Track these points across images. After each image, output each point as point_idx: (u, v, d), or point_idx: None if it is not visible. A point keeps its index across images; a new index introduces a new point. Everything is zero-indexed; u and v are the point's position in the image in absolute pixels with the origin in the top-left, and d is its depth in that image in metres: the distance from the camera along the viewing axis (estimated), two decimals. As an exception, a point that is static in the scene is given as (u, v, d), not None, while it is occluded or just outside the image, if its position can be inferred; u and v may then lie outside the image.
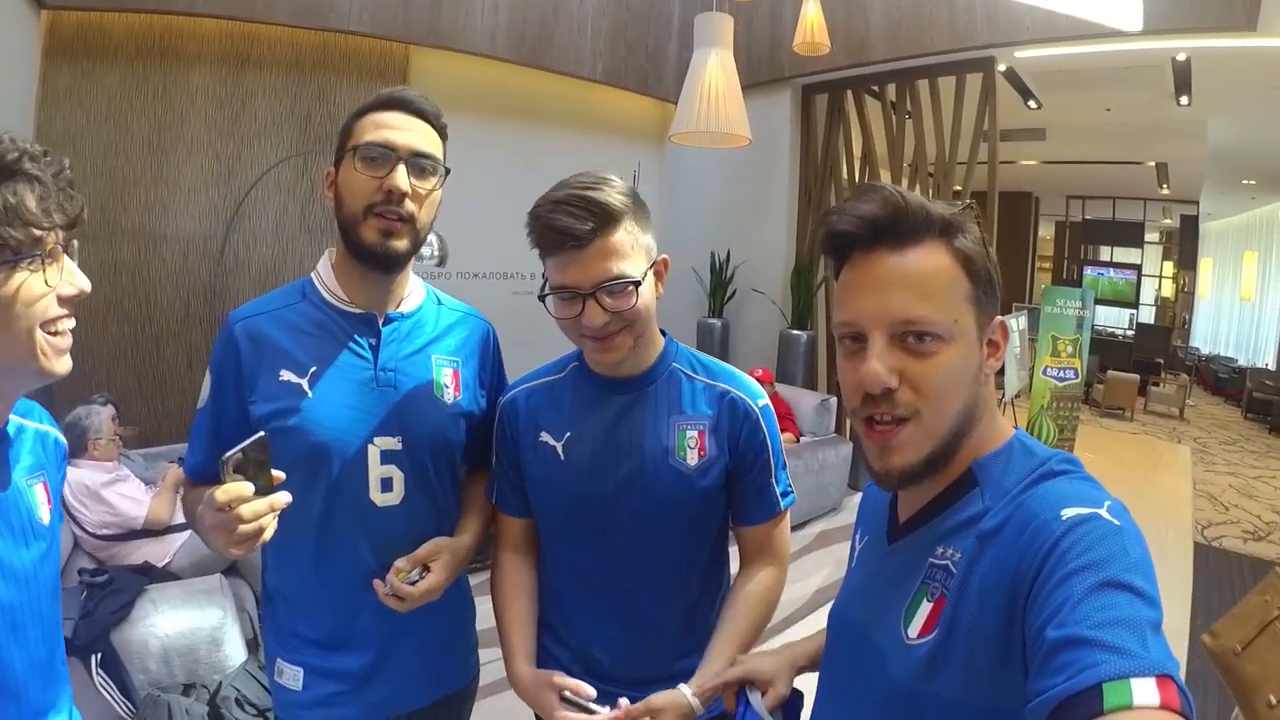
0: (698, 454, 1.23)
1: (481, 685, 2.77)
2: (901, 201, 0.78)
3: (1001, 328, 0.82)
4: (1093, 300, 5.32)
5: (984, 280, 0.79)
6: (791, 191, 6.34)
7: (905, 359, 0.76)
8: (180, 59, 4.75)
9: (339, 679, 1.25)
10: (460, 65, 5.60)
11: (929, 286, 0.77)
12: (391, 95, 1.20)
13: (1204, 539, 5.11)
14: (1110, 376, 9.94)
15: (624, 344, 1.15)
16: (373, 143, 1.15)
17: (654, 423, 1.23)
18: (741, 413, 1.25)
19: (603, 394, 1.25)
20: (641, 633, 1.28)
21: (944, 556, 0.77)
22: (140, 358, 4.84)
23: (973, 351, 0.79)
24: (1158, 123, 8.23)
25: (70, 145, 4.47)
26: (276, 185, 5.03)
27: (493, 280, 6.11)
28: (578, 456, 1.24)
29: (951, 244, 0.79)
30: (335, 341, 1.20)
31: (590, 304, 1.10)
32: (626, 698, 1.17)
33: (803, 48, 4.32)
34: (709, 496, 1.25)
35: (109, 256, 4.68)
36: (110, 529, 2.86)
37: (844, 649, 0.91)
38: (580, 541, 1.27)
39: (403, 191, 1.14)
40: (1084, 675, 0.54)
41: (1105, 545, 0.63)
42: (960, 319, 0.77)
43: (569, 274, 1.10)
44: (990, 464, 0.79)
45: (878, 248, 0.79)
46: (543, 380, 1.31)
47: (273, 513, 0.98)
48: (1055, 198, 14.62)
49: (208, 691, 2.35)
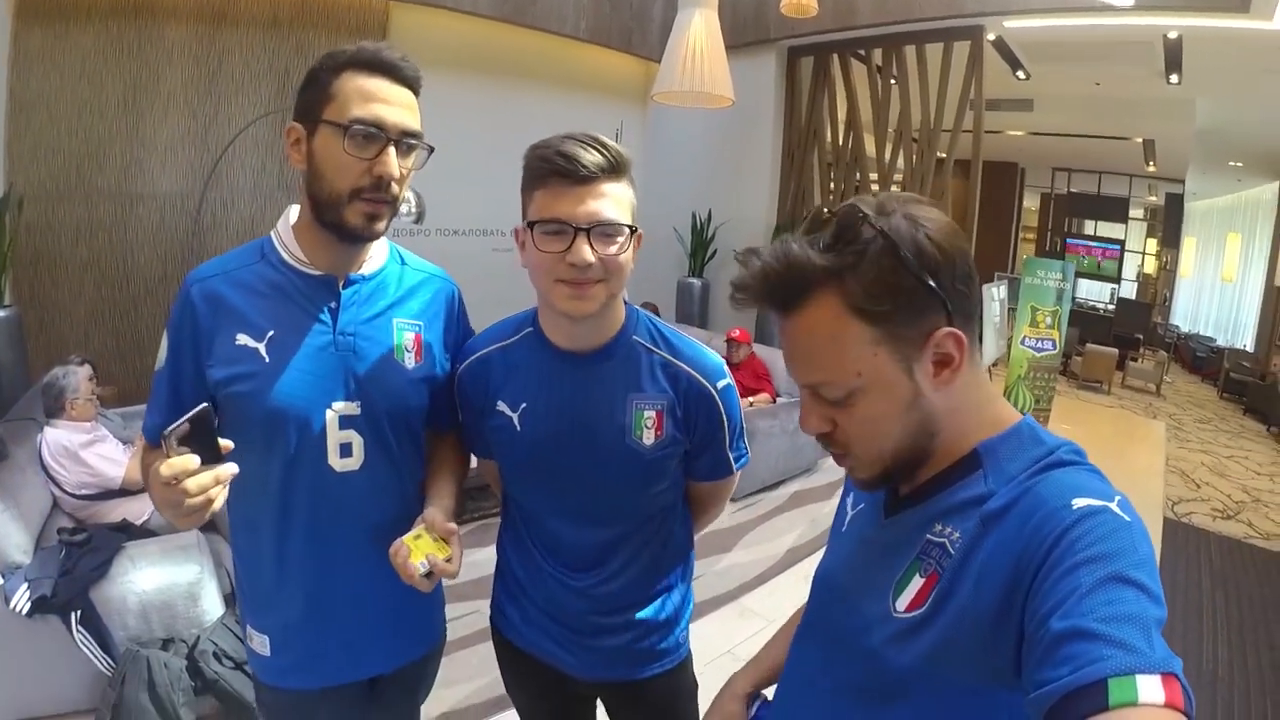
0: (654, 434, 1.21)
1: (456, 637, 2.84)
2: (773, 268, 0.74)
3: (951, 339, 0.73)
4: (1073, 273, 5.35)
5: (897, 309, 0.72)
6: (774, 153, 6.34)
7: (830, 409, 0.78)
8: (155, 15, 4.66)
9: (304, 646, 1.25)
10: (441, 21, 5.53)
11: (816, 353, 0.75)
12: (377, 56, 1.11)
13: (1174, 514, 5.19)
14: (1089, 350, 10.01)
15: (599, 295, 1.10)
16: (364, 120, 1.08)
17: (610, 400, 1.20)
18: (700, 397, 1.23)
19: (560, 365, 1.21)
20: (599, 582, 1.29)
21: (941, 534, 0.76)
22: (118, 317, 4.81)
23: (895, 389, 0.75)
24: (1147, 99, 8.24)
25: (44, 105, 4.41)
26: (255, 142, 4.98)
27: (472, 237, 6.10)
28: (532, 428, 1.22)
29: (843, 292, 0.72)
30: (293, 304, 1.16)
31: (580, 241, 1.06)
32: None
33: (789, 9, 4.30)
34: (664, 470, 1.25)
35: (86, 216, 4.64)
36: (89, 489, 2.85)
37: (829, 615, 0.90)
38: (537, 498, 1.29)
39: (394, 178, 1.11)
40: (1090, 669, 0.53)
41: (1115, 539, 0.62)
42: (864, 369, 0.73)
43: (563, 206, 1.06)
44: (997, 446, 0.77)
45: (778, 311, 0.77)
46: (496, 346, 1.27)
47: (219, 485, 0.95)
48: (1041, 169, 14.63)
49: (186, 645, 2.36)
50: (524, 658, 1.37)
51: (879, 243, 0.71)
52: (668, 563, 1.35)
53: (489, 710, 2.55)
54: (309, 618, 1.24)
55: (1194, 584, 4.07)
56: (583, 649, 1.31)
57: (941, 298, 0.72)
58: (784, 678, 0.97)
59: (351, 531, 1.22)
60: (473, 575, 3.38)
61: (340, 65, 1.11)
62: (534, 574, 1.32)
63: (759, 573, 3.64)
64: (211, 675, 2.31)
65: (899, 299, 0.71)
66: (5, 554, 2.29)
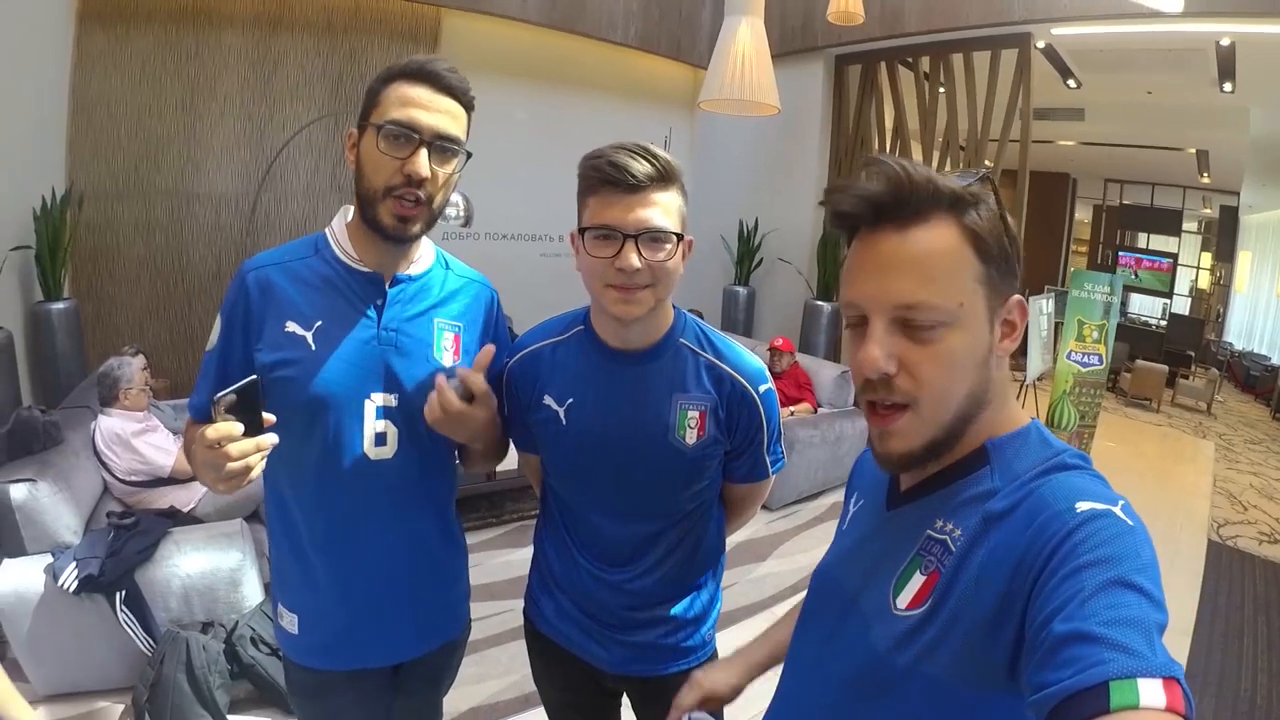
0: (697, 434, 1.25)
1: (487, 635, 2.88)
2: (905, 177, 0.73)
3: (1019, 307, 0.76)
4: (1121, 286, 5.23)
5: (998, 258, 0.74)
6: (821, 162, 6.31)
7: (905, 345, 0.74)
8: (213, 21, 4.81)
9: (331, 627, 1.30)
10: (492, 28, 5.61)
11: (932, 269, 0.72)
12: (421, 66, 1.17)
13: (1218, 537, 5.03)
14: (1138, 366, 9.76)
15: (646, 300, 1.15)
16: (397, 121, 1.14)
17: (656, 399, 1.24)
18: (743, 400, 1.27)
19: (608, 363, 1.25)
20: (634, 577, 1.33)
21: (943, 531, 0.76)
22: (173, 312, 4.96)
23: (980, 335, 0.74)
24: (1199, 108, 8.03)
25: (105, 107, 4.58)
26: (308, 145, 5.11)
27: (520, 241, 6.16)
28: (578, 423, 1.26)
29: (961, 220, 0.73)
30: (342, 298, 1.22)
31: (628, 247, 1.10)
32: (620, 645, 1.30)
33: (836, 17, 4.28)
34: (704, 469, 1.29)
35: (144, 215, 4.80)
36: (139, 476, 2.95)
37: (828, 610, 0.90)
38: (579, 492, 1.32)
39: (422, 177, 1.15)
40: (1091, 672, 0.53)
41: (1119, 543, 0.61)
42: (966, 302, 0.73)
43: (613, 213, 1.11)
44: (1005, 445, 0.77)
45: (882, 226, 0.75)
46: (548, 342, 1.32)
47: (259, 453, 1.00)
48: (1093, 180, 14.29)
49: (225, 630, 2.44)
50: (555, 649, 1.41)
51: (993, 198, 0.75)
52: (700, 561, 1.38)
53: (517, 707, 2.58)
54: (336, 599, 1.28)
55: (1235, 608, 3.94)
56: (613, 643, 1.35)
57: (1017, 269, 0.76)
58: (784, 671, 0.98)
59: (381, 517, 1.27)
60: (506, 575, 3.45)
61: (392, 76, 1.18)
62: (570, 568, 1.36)
63: (793, 583, 3.62)
64: (248, 659, 2.38)
65: (1000, 249, 0.75)
66: (56, 534, 2.39)
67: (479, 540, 3.78)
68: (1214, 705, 3.01)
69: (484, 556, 3.62)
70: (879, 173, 0.74)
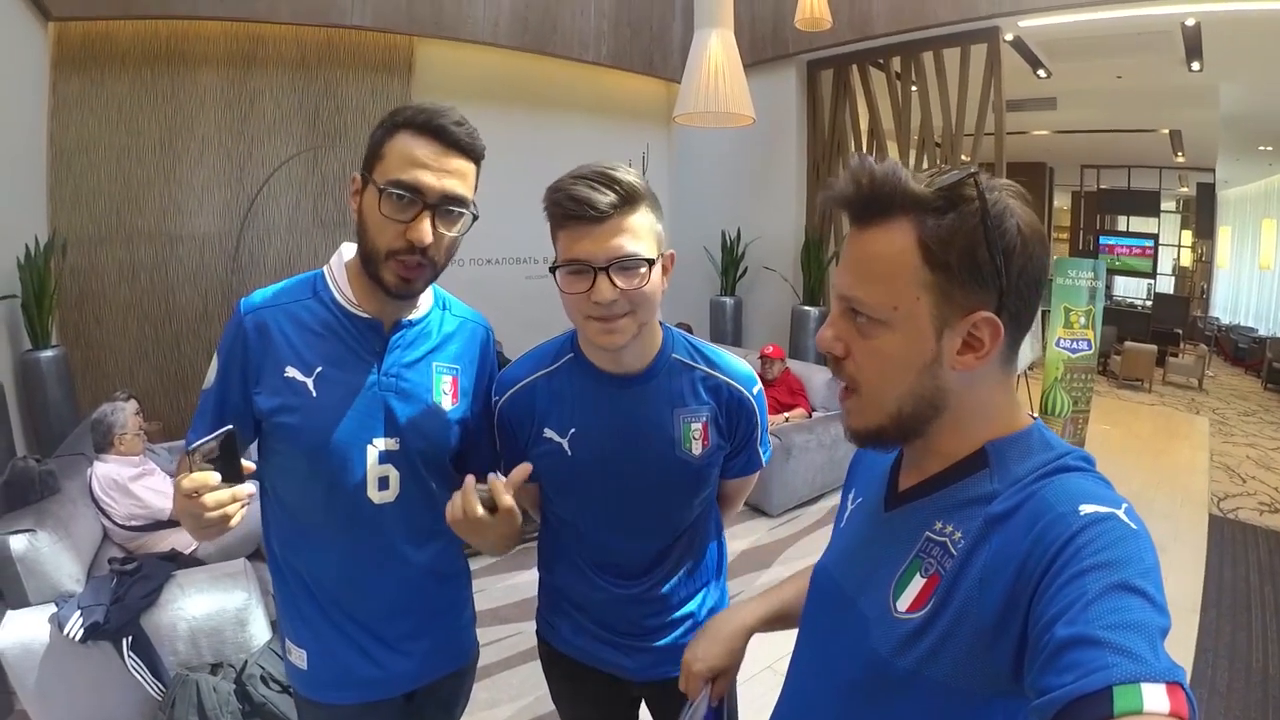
0: (701, 443, 1.28)
1: (498, 659, 2.88)
2: (867, 180, 0.74)
3: (989, 325, 0.72)
4: (1104, 271, 5.27)
5: (956, 267, 0.71)
6: (800, 167, 6.35)
7: (852, 333, 0.77)
8: (187, 62, 4.83)
9: (338, 663, 1.30)
10: (465, 55, 5.64)
11: (870, 270, 0.75)
12: (429, 120, 1.13)
13: (1219, 511, 5.05)
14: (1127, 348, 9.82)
15: (628, 328, 1.14)
16: (402, 182, 1.10)
17: (658, 416, 1.26)
18: (740, 404, 1.31)
19: (606, 388, 1.26)
20: (650, 587, 1.35)
21: (943, 533, 0.76)
22: (162, 355, 4.95)
23: (918, 342, 0.74)
24: (1170, 89, 8.13)
25: (83, 152, 4.58)
26: (289, 181, 5.11)
27: (505, 265, 6.18)
28: (584, 451, 1.26)
29: (922, 224, 0.72)
30: (342, 344, 1.21)
31: (601, 279, 1.09)
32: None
33: (804, 24, 4.32)
34: (710, 476, 1.33)
35: (127, 258, 4.79)
36: (138, 520, 2.94)
37: (827, 611, 0.90)
38: (588, 516, 1.33)
39: (425, 245, 1.13)
40: (1094, 677, 0.53)
41: (1122, 547, 0.61)
42: (902, 306, 0.73)
43: (582, 247, 1.09)
44: (1006, 448, 0.76)
45: (855, 223, 0.77)
46: (539, 374, 1.31)
47: (236, 503, 1.00)
48: (1069, 168, 14.44)
49: (234, 670, 2.42)
50: (576, 667, 1.43)
51: (974, 204, 0.71)
52: (706, 559, 1.43)
53: (532, 729, 2.57)
54: (341, 637, 1.29)
55: (1241, 579, 3.96)
56: (637, 650, 1.38)
57: (1000, 284, 0.72)
58: (789, 673, 0.98)
59: (385, 558, 1.27)
60: (514, 598, 3.44)
61: (397, 125, 1.14)
62: (585, 586, 1.37)
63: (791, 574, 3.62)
64: (259, 698, 2.36)
65: (964, 259, 0.71)
66: (58, 583, 2.37)
67: (483, 565, 3.77)
68: (1227, 678, 3.02)
69: (489, 581, 3.61)
70: (849, 174, 0.76)
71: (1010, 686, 0.66)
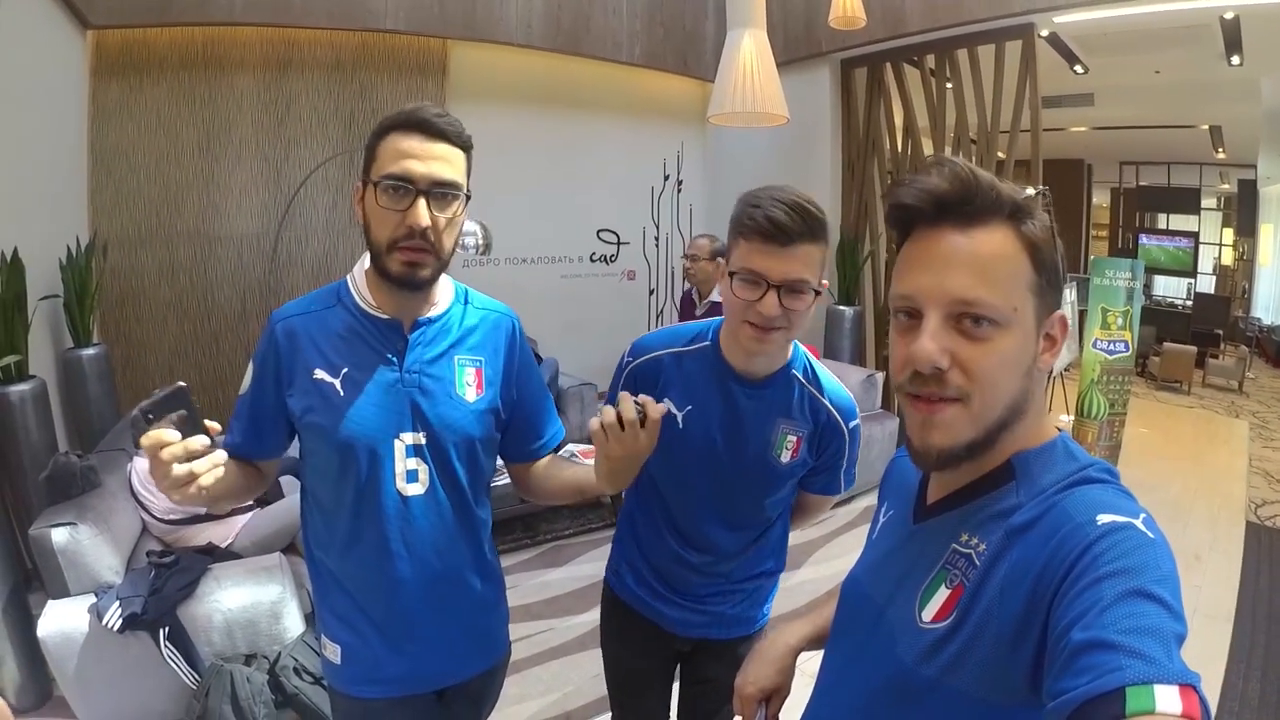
0: (791, 454, 1.43)
1: (528, 655, 2.89)
2: (972, 179, 0.75)
3: (1061, 322, 0.78)
4: (1143, 271, 5.17)
5: (1048, 270, 0.76)
6: (835, 167, 6.29)
7: (959, 341, 0.74)
8: (224, 67, 4.91)
9: (372, 658, 1.33)
10: (498, 57, 5.66)
11: (991, 270, 0.74)
12: (410, 116, 1.21)
13: (1257, 518, 4.91)
14: (1167, 349, 9.62)
15: (778, 340, 1.30)
16: (393, 174, 1.18)
17: (763, 421, 1.41)
18: (835, 432, 1.46)
19: (729, 384, 1.41)
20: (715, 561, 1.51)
21: (968, 545, 0.77)
22: (200, 353, 5.04)
23: (1028, 343, 0.76)
24: (1209, 84, 7.93)
25: (124, 156, 4.68)
26: (325, 182, 5.18)
27: (541, 265, 6.19)
28: (692, 429, 1.41)
29: (1019, 229, 0.75)
30: (365, 345, 1.28)
31: (770, 295, 1.23)
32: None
33: (838, 22, 4.29)
34: (789, 482, 1.48)
35: (167, 259, 4.89)
36: (176, 514, 2.99)
37: (857, 622, 0.91)
38: (679, 489, 1.48)
39: (423, 227, 1.19)
40: (1108, 678, 0.54)
41: (1139, 554, 0.62)
42: (1019, 307, 0.74)
43: (762, 263, 1.23)
44: (1031, 460, 0.78)
45: (942, 224, 0.76)
46: (670, 350, 1.47)
47: (191, 457, 1.03)
48: (1108, 165, 14.14)
49: (268, 661, 2.47)
50: (632, 615, 1.60)
51: (1044, 218, 0.78)
52: (771, 550, 1.59)
53: (561, 726, 2.59)
54: (375, 633, 1.32)
55: (1278, 590, 3.87)
56: (687, 609, 1.55)
57: (1061, 286, 0.79)
58: (818, 683, 0.99)
59: (417, 550, 1.31)
60: (544, 595, 3.47)
61: (385, 129, 1.23)
62: (657, 541, 1.53)
63: (829, 589, 3.60)
64: (292, 689, 2.41)
65: (1054, 264, 0.77)
66: (98, 574, 2.43)
67: (515, 561, 3.80)
68: (1259, 690, 2.95)
69: (521, 578, 3.64)
70: (948, 171, 0.76)
71: (1030, 695, 0.66)
